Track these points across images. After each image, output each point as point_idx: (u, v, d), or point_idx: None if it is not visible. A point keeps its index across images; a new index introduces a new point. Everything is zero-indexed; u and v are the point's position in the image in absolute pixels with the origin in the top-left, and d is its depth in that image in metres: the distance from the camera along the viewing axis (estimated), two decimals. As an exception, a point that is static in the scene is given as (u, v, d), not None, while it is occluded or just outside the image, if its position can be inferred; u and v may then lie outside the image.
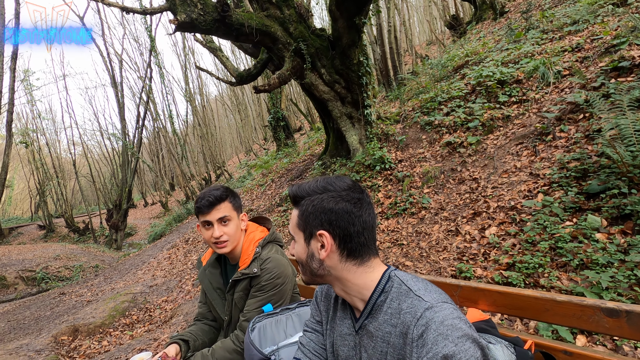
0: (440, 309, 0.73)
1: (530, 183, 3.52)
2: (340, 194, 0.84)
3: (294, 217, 0.89)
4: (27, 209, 38.16)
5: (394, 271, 0.85)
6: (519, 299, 1.03)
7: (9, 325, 5.35)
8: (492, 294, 1.08)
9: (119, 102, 18.73)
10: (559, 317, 0.95)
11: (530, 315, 1.01)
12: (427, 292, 0.78)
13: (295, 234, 0.89)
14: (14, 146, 18.81)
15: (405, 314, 0.76)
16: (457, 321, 0.71)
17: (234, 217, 1.41)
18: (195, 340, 1.43)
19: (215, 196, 1.36)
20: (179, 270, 6.22)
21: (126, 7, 4.90)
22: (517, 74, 5.57)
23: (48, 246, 16.79)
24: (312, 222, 0.84)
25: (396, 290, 0.80)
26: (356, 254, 0.83)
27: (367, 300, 0.83)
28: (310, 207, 0.85)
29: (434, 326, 0.70)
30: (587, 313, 0.89)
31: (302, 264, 0.89)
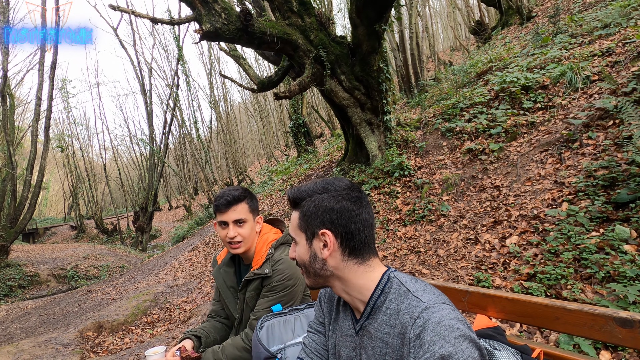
0: (437, 309, 0.73)
1: (554, 191, 3.40)
2: (341, 193, 0.85)
3: (295, 219, 0.90)
4: (61, 210, 40.16)
5: (393, 272, 0.85)
6: (528, 306, 1.00)
7: (40, 319, 5.64)
8: (501, 300, 1.06)
9: (148, 109, 19.48)
10: (569, 326, 0.92)
11: (539, 324, 0.99)
12: (425, 293, 0.78)
13: (297, 236, 0.90)
14: (50, 150, 19.89)
15: (403, 314, 0.76)
16: (455, 322, 0.71)
17: (250, 219, 1.45)
18: (207, 336, 1.47)
19: (233, 196, 1.41)
20: (199, 272, 6.37)
21: (155, 18, 5.14)
22: (542, 80, 5.41)
23: (79, 246, 17.59)
24: (314, 222, 0.85)
25: (395, 291, 0.81)
26: (357, 253, 0.84)
27: (367, 301, 0.84)
28: (312, 207, 0.86)
29: (430, 327, 0.70)
30: (598, 322, 0.86)
31: (304, 266, 0.89)
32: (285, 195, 8.33)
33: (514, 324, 2.29)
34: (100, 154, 28.46)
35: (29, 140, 25.60)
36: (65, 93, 25.30)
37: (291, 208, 0.93)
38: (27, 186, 13.48)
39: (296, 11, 5.71)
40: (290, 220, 0.93)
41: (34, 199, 13.89)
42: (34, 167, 13.87)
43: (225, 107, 28.05)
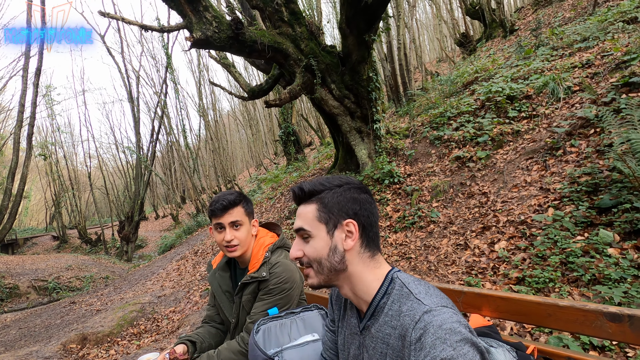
0: (439, 312, 0.73)
1: (540, 197, 3.48)
2: (357, 185, 0.89)
3: (310, 212, 0.87)
4: (42, 220, 38.97)
5: (396, 272, 0.86)
6: (521, 304, 1.03)
7: (20, 332, 5.42)
8: (495, 299, 1.09)
9: (135, 117, 19.25)
10: (561, 323, 0.95)
11: (533, 321, 1.01)
12: (428, 295, 0.78)
13: (314, 229, 0.86)
14: (33, 158, 19.42)
15: (404, 316, 0.77)
16: (457, 325, 0.70)
17: (246, 222, 1.45)
18: (202, 342, 1.45)
19: (229, 200, 1.41)
20: (187, 282, 6.25)
21: (145, 25, 5.13)
22: (526, 90, 5.58)
23: (60, 257, 17.05)
24: (338, 212, 0.85)
25: (397, 293, 0.81)
26: (371, 245, 0.86)
27: (370, 301, 0.85)
28: (335, 198, 0.86)
29: (432, 330, 0.70)
30: (589, 318, 0.89)
31: (319, 262, 0.86)
32: (275, 203, 8.29)
33: (505, 327, 2.32)
34: (85, 162, 27.90)
35: (10, 149, 24.94)
36: (50, 100, 24.82)
37: (299, 203, 0.91)
38: (8, 195, 13.10)
39: (287, 20, 5.78)
40: (300, 215, 0.89)
41: (14, 208, 13.48)
42: (15, 176, 13.50)
43: (214, 116, 27.93)
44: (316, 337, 1.23)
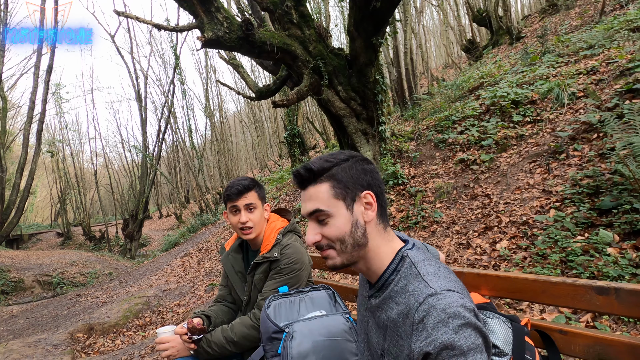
0: (444, 296, 0.73)
1: (542, 199, 3.54)
2: (363, 158, 0.90)
3: (325, 191, 0.85)
4: (48, 217, 39.35)
5: (408, 250, 0.87)
6: (517, 282, 1.10)
7: (27, 322, 5.53)
8: (492, 279, 1.16)
9: (142, 116, 19.49)
10: (554, 298, 1.02)
11: (528, 298, 1.08)
12: (436, 277, 0.79)
13: (332, 207, 0.84)
14: (40, 155, 19.69)
15: (409, 295, 0.78)
16: (460, 309, 0.71)
17: (259, 206, 1.54)
18: (216, 317, 1.53)
19: (243, 185, 1.50)
20: (192, 277, 6.34)
21: (159, 25, 5.26)
22: (531, 95, 5.65)
23: (65, 253, 17.22)
24: (353, 186, 0.85)
25: (406, 271, 0.83)
26: (384, 214, 0.89)
27: (380, 275, 0.88)
28: (347, 173, 0.85)
29: (434, 313, 0.71)
30: (579, 292, 0.96)
31: (342, 240, 0.84)
32: (279, 202, 8.38)
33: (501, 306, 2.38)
34: (92, 160, 28.23)
35: (18, 145, 25.25)
36: (59, 98, 25.20)
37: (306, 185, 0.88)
38: (16, 190, 13.30)
39: (296, 23, 5.89)
40: (310, 197, 0.86)
41: (21, 203, 13.68)
42: (24, 171, 13.70)
43: (220, 117, 28.16)
44: (323, 313, 1.31)
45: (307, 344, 1.18)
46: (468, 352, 0.68)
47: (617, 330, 2.01)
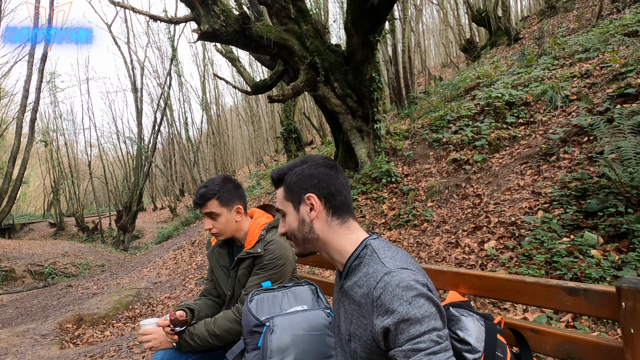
0: (397, 273, 0.81)
1: (531, 201, 3.58)
2: (318, 162, 0.98)
3: (280, 194, 1.00)
4: (40, 207, 39.02)
5: (371, 240, 0.95)
6: (493, 281, 1.12)
7: (17, 311, 5.51)
8: (470, 277, 1.18)
9: (138, 107, 19.32)
10: (528, 297, 1.04)
11: (503, 297, 1.11)
12: (392, 260, 0.86)
13: (284, 207, 0.99)
14: (34, 144, 19.49)
15: (369, 277, 0.86)
16: (413, 283, 0.78)
17: (223, 212, 1.52)
18: (200, 311, 1.54)
19: (200, 194, 1.51)
20: (183, 270, 6.35)
21: (154, 16, 5.22)
22: (526, 97, 5.69)
23: (57, 243, 17.13)
24: (298, 189, 0.96)
25: (368, 258, 0.91)
26: (339, 213, 0.96)
27: (344, 263, 0.95)
28: (294, 177, 0.97)
29: (390, 288, 0.78)
30: (551, 292, 0.99)
31: (294, 235, 0.98)
32: (273, 198, 8.39)
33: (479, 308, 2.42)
34: (86, 151, 28.00)
35: (11, 134, 24.96)
36: (53, 87, 24.86)
37: (275, 189, 1.03)
38: (8, 179, 13.17)
39: (293, 18, 5.87)
40: (277, 198, 1.02)
41: (14, 192, 13.56)
42: (16, 160, 13.56)
43: (217, 110, 28.01)
44: (305, 308, 1.33)
45: (287, 338, 1.20)
46: (423, 320, 0.75)
47: (595, 330, 2.05)
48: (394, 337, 0.77)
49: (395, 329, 0.76)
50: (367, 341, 0.85)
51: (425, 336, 0.74)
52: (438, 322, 0.77)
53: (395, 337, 0.77)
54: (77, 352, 3.48)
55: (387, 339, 0.80)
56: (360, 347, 0.87)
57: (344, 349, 0.96)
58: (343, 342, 0.96)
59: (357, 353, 0.88)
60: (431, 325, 0.75)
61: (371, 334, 0.83)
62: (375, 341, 0.82)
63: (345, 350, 0.95)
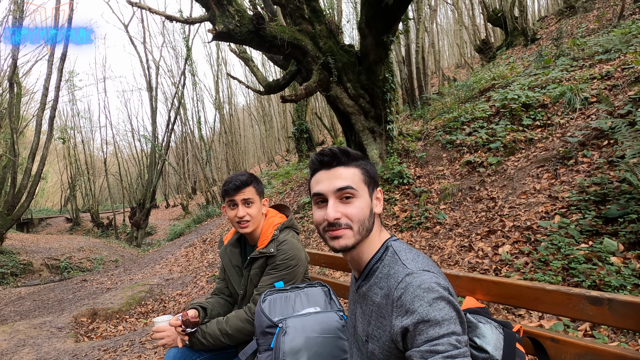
0: (419, 274, 0.81)
1: (548, 205, 3.50)
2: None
3: (357, 174, 0.92)
4: (57, 202, 39.99)
5: (392, 241, 0.95)
6: (512, 288, 1.09)
7: (34, 304, 5.66)
8: (487, 283, 1.16)
9: (152, 106, 19.62)
10: (547, 305, 1.01)
11: (522, 304, 1.08)
12: (414, 261, 0.86)
13: (360, 189, 0.91)
14: (52, 141, 19.95)
15: (390, 278, 0.86)
16: (434, 285, 0.78)
17: (257, 201, 1.55)
18: (212, 309, 1.56)
19: (241, 180, 1.52)
20: (194, 267, 6.42)
21: (170, 16, 5.29)
22: (543, 99, 5.57)
23: (73, 238, 17.54)
24: (374, 180, 0.97)
25: (389, 259, 0.91)
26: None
27: (365, 265, 0.95)
28: (370, 168, 0.98)
29: (411, 289, 0.78)
30: (573, 301, 0.96)
31: (361, 222, 0.90)
32: (284, 197, 8.41)
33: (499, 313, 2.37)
34: (102, 148, 28.56)
35: (31, 130, 25.63)
36: (72, 85, 25.43)
37: (334, 165, 0.93)
38: (27, 175, 13.51)
39: (307, 18, 5.87)
40: (340, 175, 0.91)
41: (32, 188, 13.90)
42: (35, 157, 13.91)
43: (230, 110, 28.24)
44: (318, 310, 1.32)
45: (299, 340, 1.20)
46: (442, 323, 0.74)
47: (615, 340, 1.99)
48: (412, 337, 0.76)
49: (414, 330, 0.76)
50: (385, 342, 0.84)
51: (444, 339, 0.73)
52: (458, 327, 0.76)
53: (414, 338, 0.76)
54: (91, 345, 3.56)
55: (406, 339, 0.79)
56: (378, 349, 0.87)
57: (360, 351, 0.95)
58: (360, 344, 0.95)
59: (375, 355, 0.88)
60: (451, 329, 0.74)
61: (389, 335, 0.82)
62: (394, 342, 0.82)
63: (362, 351, 0.94)
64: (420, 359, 0.74)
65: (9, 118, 13.66)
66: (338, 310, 1.33)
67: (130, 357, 3.20)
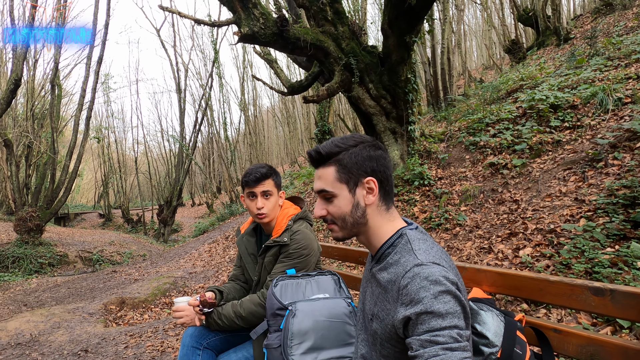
0: (428, 266, 0.80)
1: (574, 208, 3.39)
2: (371, 143, 0.94)
3: (331, 174, 0.93)
4: (92, 198, 42.08)
5: (408, 229, 0.94)
6: (516, 279, 1.11)
7: (68, 291, 6.03)
8: (492, 274, 1.17)
9: (181, 107, 20.32)
10: (551, 296, 1.02)
11: (525, 295, 1.09)
12: (425, 253, 0.85)
13: (336, 189, 0.92)
14: (88, 140, 21.02)
15: (399, 266, 0.86)
16: (442, 278, 0.77)
17: (275, 193, 1.62)
18: (228, 293, 1.64)
19: (261, 173, 1.59)
20: (217, 262, 6.62)
21: (198, 20, 5.51)
22: (572, 100, 5.37)
23: (105, 233, 18.43)
24: (357, 171, 0.91)
25: (402, 247, 0.91)
26: (387, 198, 0.95)
27: (379, 248, 0.96)
28: (352, 158, 0.91)
29: (418, 280, 0.78)
30: (576, 292, 0.96)
31: (342, 219, 0.93)
32: (305, 197, 8.51)
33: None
34: (133, 148, 29.84)
35: (69, 130, 27.12)
36: (107, 87, 26.80)
37: (317, 165, 0.96)
38: (65, 171, 14.31)
39: (330, 20, 5.95)
40: (320, 177, 0.94)
41: (69, 184, 14.72)
42: (73, 155, 14.74)
43: (254, 111, 28.80)
44: (327, 296, 1.38)
45: (307, 322, 1.26)
46: (446, 316, 0.73)
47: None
48: (414, 326, 0.76)
49: (417, 319, 0.76)
50: (387, 325, 0.86)
51: (445, 331, 0.73)
52: (461, 322, 0.75)
53: (415, 326, 0.76)
54: (119, 330, 3.77)
55: (407, 328, 0.79)
56: (380, 329, 0.89)
57: (366, 327, 0.98)
58: (366, 321, 0.98)
59: (377, 334, 0.90)
60: (454, 322, 0.73)
61: (392, 320, 0.84)
62: (395, 327, 0.83)
63: (367, 328, 0.97)
64: (419, 347, 0.74)
65: (50, 118, 14.56)
66: (346, 297, 1.37)
67: (153, 342, 3.37)
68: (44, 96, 18.40)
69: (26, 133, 16.12)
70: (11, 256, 10.84)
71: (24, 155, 16.70)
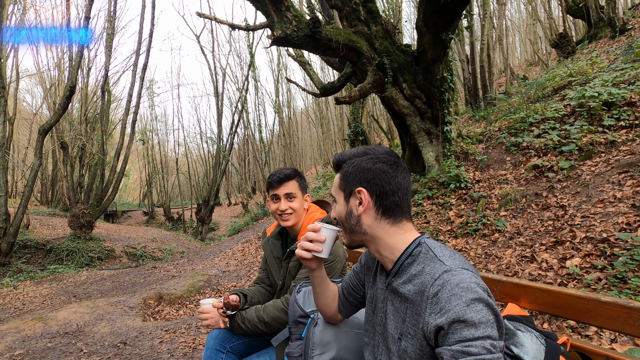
0: (458, 272, 0.77)
1: (630, 215, 3.08)
2: (378, 157, 0.94)
3: (336, 180, 1.00)
4: (137, 197, 44.72)
5: (425, 238, 0.90)
6: (561, 297, 0.99)
7: (112, 285, 6.42)
8: (533, 290, 1.06)
9: (219, 110, 21.04)
10: (602, 319, 0.90)
11: (571, 316, 0.97)
12: (451, 258, 0.82)
13: (337, 195, 1.00)
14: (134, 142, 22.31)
15: (425, 274, 0.81)
16: (474, 285, 0.73)
17: (299, 196, 1.60)
18: (252, 297, 1.63)
19: (285, 174, 1.58)
20: (249, 262, 6.75)
21: (234, 24, 5.65)
22: (630, 96, 4.90)
23: (148, 230, 19.47)
24: (351, 181, 0.95)
25: (423, 255, 0.86)
26: (390, 213, 0.92)
27: (395, 260, 0.91)
28: (351, 168, 0.96)
29: (448, 287, 0.74)
30: (633, 316, 0.84)
31: (342, 224, 0.99)
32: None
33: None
34: (174, 149, 31.33)
35: (117, 133, 28.99)
36: (151, 92, 28.34)
37: (336, 172, 1.03)
38: (113, 172, 15.30)
39: (363, 19, 5.87)
40: (334, 182, 1.02)
41: (117, 183, 15.71)
42: (120, 156, 15.74)
43: (288, 113, 29.20)
44: (351, 305, 1.32)
45: (330, 333, 1.21)
46: (479, 325, 0.70)
47: None
48: (445, 335, 0.73)
49: (449, 328, 0.72)
50: (419, 340, 0.81)
51: (478, 341, 0.69)
52: (495, 332, 0.71)
53: (446, 335, 0.73)
54: (155, 325, 3.93)
55: (438, 337, 0.76)
56: (411, 347, 0.83)
57: (389, 349, 0.91)
58: (389, 341, 0.91)
59: (407, 353, 0.84)
60: (487, 332, 0.70)
61: (422, 332, 0.79)
62: (427, 339, 0.79)
63: (391, 349, 0.90)
64: (451, 358, 0.71)
65: (101, 121, 15.61)
66: (371, 307, 1.31)
67: (186, 339, 3.47)
68: (95, 101, 19.81)
69: (80, 136, 17.42)
70: (65, 250, 11.75)
71: (78, 156, 18.02)
